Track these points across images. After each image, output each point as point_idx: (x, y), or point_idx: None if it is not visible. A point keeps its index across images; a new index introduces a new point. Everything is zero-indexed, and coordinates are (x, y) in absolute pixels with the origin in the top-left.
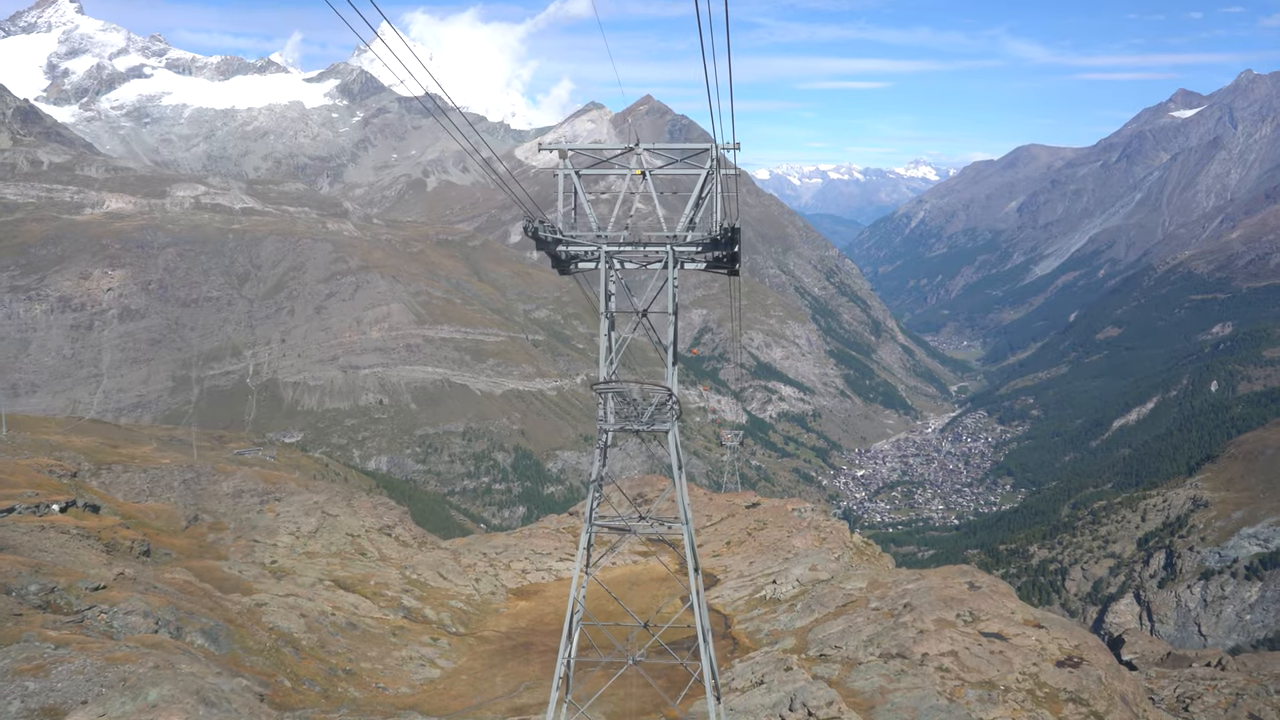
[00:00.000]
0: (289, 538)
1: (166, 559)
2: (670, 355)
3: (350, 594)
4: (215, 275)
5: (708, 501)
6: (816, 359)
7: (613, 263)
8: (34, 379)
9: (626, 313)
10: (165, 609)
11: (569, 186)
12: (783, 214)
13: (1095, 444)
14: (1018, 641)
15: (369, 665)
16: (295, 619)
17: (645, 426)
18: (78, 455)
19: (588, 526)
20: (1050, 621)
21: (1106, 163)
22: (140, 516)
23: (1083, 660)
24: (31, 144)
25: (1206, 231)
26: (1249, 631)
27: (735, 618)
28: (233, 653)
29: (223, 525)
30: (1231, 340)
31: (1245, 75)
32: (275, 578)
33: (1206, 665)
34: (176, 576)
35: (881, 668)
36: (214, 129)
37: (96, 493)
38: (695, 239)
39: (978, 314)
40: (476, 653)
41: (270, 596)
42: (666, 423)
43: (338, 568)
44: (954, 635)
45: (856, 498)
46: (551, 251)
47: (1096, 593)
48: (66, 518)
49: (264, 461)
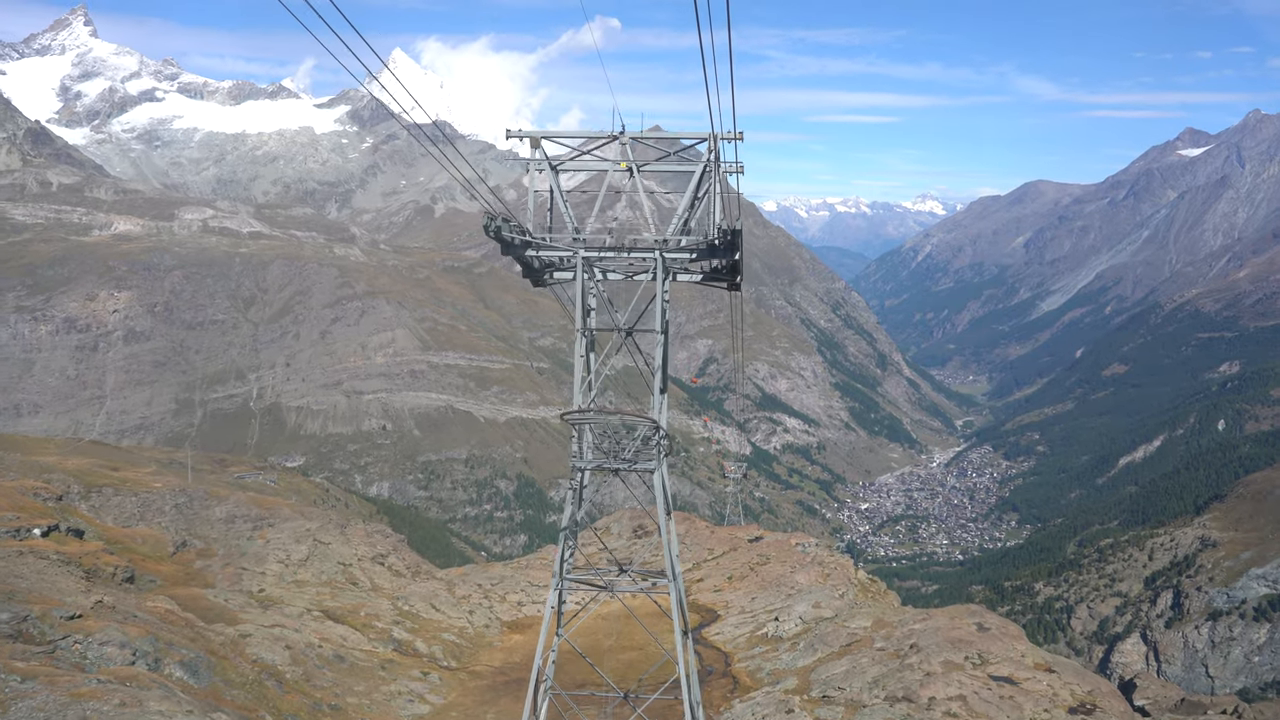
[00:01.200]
0: (278, 565)
1: (151, 586)
2: (658, 381)
3: (339, 625)
4: (221, 298)
5: (709, 535)
6: (822, 391)
7: (593, 272)
8: (37, 399)
9: (609, 331)
10: (144, 639)
11: (542, 184)
12: (789, 246)
13: (1101, 481)
14: (1028, 686)
15: (355, 700)
16: (280, 651)
17: (627, 465)
18: (67, 478)
19: (556, 581)
20: (1062, 666)
21: (1114, 200)
22: (126, 542)
23: (1096, 708)
24: (41, 165)
25: (1214, 270)
26: (1257, 674)
27: (736, 655)
28: (213, 685)
29: (211, 551)
30: (1239, 379)
31: (1253, 115)
32: (262, 607)
33: (1222, 713)
34: (159, 605)
35: (886, 711)
36: (224, 153)
37: (83, 516)
38: (689, 244)
39: (984, 349)
40: (468, 688)
41: (255, 627)
42: (652, 461)
43: (327, 597)
44: (962, 679)
45: (860, 531)
46: (520, 257)
47: (1102, 632)
48: (47, 543)
49: (265, 486)
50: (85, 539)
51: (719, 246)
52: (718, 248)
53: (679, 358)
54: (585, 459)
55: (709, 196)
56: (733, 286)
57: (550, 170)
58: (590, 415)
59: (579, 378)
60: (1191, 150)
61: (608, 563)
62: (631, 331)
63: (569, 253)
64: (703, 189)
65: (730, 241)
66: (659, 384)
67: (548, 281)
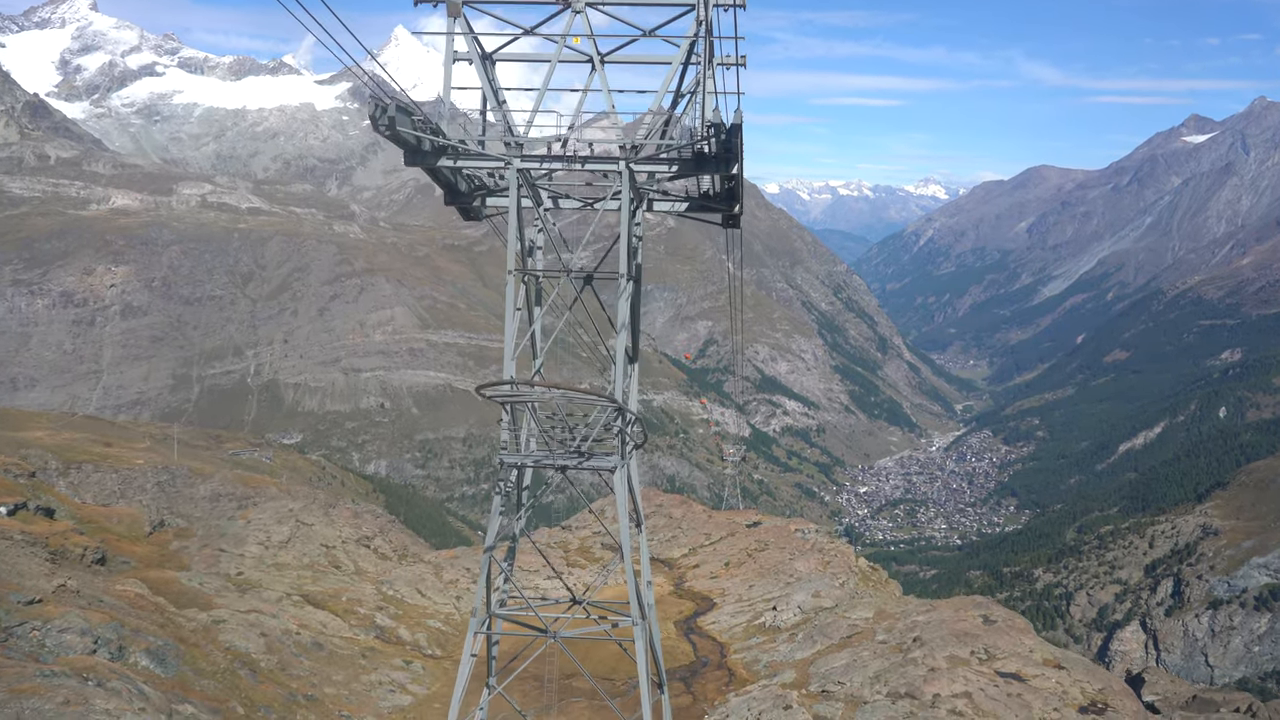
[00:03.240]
0: (258, 547)
1: (124, 568)
2: (620, 342)
3: (319, 611)
4: (219, 274)
5: (707, 519)
6: (822, 374)
7: (534, 193)
8: (34, 374)
9: (558, 275)
10: (107, 626)
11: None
12: (791, 228)
13: (1101, 467)
14: (1037, 684)
15: (333, 690)
16: (255, 638)
17: (576, 462)
18: (45, 453)
19: (476, 623)
20: (1071, 662)
21: (1117, 186)
22: (100, 521)
23: (1107, 707)
24: (40, 139)
25: (1217, 257)
26: (1257, 663)
27: (732, 646)
28: (180, 675)
29: (190, 532)
30: (1241, 366)
31: (1259, 102)
32: (239, 591)
33: (1235, 711)
34: (127, 589)
35: (889, 709)
36: (224, 129)
37: (56, 495)
38: (666, 152)
39: (985, 333)
40: (452, 678)
41: (230, 612)
42: (613, 457)
43: (308, 581)
44: (968, 674)
45: (859, 515)
46: (438, 173)
47: (1102, 619)
48: (13, 522)
49: (260, 463)
50: (56, 518)
51: (709, 156)
52: (707, 158)
53: (678, 339)
54: (522, 451)
55: (698, 90)
56: (729, 221)
57: (476, 49)
58: (521, 392)
59: (511, 339)
60: (1196, 137)
61: (569, 582)
62: (592, 278)
63: (500, 163)
64: (689, 79)
65: (725, 145)
66: (620, 349)
67: (483, 212)
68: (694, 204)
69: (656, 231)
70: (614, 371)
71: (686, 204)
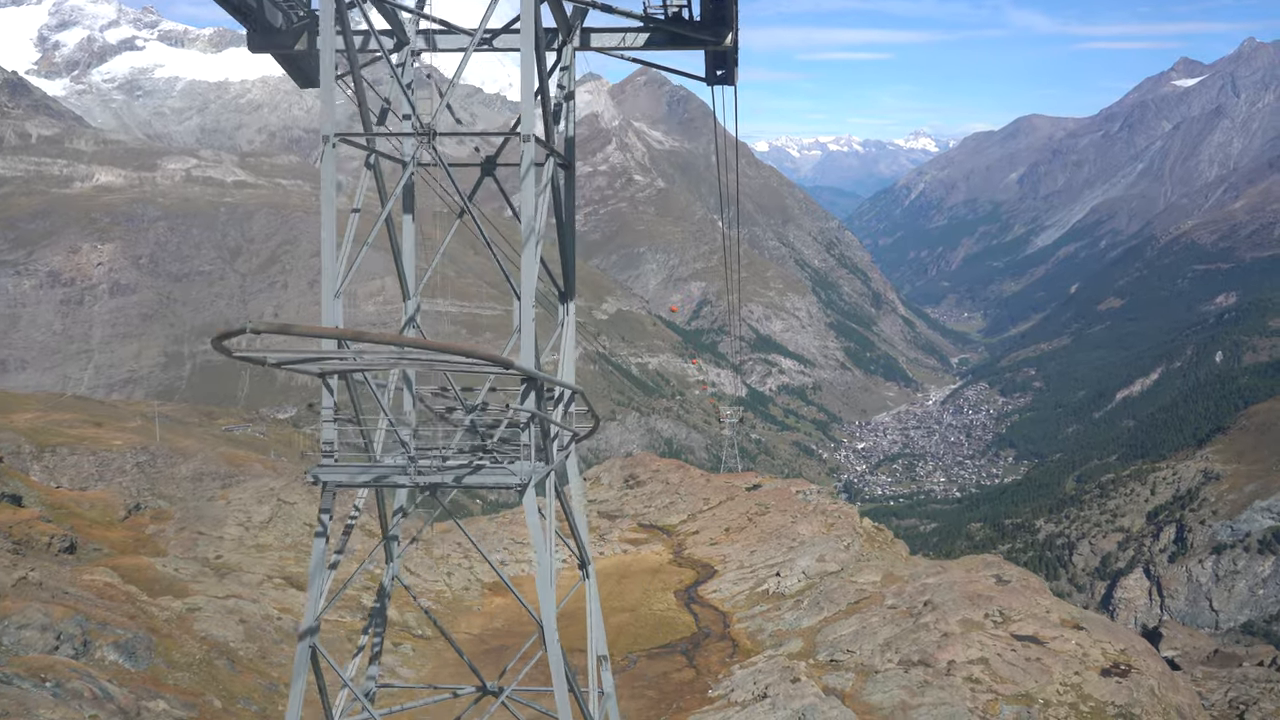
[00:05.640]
0: (238, 529)
1: (96, 555)
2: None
3: (302, 593)
4: (207, 249)
5: (705, 483)
6: (816, 331)
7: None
8: (24, 355)
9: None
10: (70, 620)
11: None
12: (782, 185)
13: (1098, 415)
14: (1056, 646)
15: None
16: (233, 625)
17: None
18: (17, 436)
19: None
20: (1091, 622)
21: (1108, 133)
22: (71, 506)
23: (1131, 668)
24: (20, 117)
25: (1209, 201)
26: (1261, 607)
27: (735, 615)
28: (152, 669)
29: (167, 515)
30: (1236, 310)
31: (1248, 43)
32: (217, 576)
33: (1259, 665)
34: (96, 579)
35: (902, 678)
36: (207, 102)
37: (24, 479)
38: None
39: (978, 286)
40: (444, 659)
41: (207, 599)
42: (521, 464)
43: (291, 563)
44: (983, 639)
45: (857, 470)
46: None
47: (1105, 568)
48: None
49: (254, 439)
50: (24, 504)
51: None
52: None
53: (671, 302)
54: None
55: None
56: (717, 68)
57: None
58: (355, 360)
59: (330, 259)
60: (1186, 80)
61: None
62: (494, 165)
63: None
64: None
65: None
66: (527, 279)
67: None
68: (659, 34)
69: (646, 193)
70: (517, 314)
71: (647, 33)
